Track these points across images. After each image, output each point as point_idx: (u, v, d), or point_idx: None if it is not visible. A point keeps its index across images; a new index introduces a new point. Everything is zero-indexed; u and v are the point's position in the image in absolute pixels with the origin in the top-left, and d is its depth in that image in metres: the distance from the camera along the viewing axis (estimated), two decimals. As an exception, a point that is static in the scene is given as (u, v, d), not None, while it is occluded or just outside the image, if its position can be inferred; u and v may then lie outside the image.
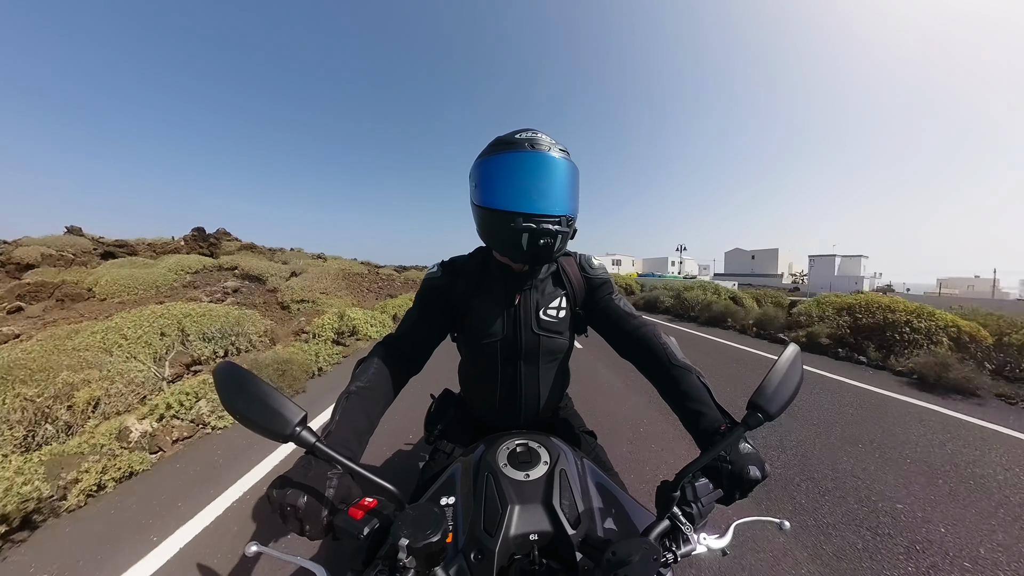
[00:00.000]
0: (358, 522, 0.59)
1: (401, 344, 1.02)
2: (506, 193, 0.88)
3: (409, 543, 0.52)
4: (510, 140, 0.90)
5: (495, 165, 0.89)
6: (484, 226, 0.95)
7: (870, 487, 2.36)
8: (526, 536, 0.65)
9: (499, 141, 0.91)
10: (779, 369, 0.68)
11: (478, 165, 0.93)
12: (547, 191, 0.87)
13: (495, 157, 0.89)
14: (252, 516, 2.11)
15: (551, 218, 0.86)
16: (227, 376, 0.60)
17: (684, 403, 0.85)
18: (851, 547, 1.84)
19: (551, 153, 0.87)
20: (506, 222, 0.87)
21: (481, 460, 0.82)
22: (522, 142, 0.88)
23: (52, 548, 1.87)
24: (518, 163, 0.87)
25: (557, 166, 0.88)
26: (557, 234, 0.87)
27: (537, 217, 0.85)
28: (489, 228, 0.94)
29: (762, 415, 0.64)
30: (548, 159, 0.87)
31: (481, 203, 0.92)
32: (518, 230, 0.85)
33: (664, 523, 0.63)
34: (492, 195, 0.89)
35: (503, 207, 0.87)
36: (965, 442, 3.01)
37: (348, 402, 0.82)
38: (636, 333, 1.01)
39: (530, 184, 0.86)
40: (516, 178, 0.87)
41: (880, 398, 4.13)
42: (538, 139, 0.88)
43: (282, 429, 0.57)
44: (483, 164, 0.91)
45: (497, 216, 0.88)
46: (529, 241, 0.86)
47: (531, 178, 0.87)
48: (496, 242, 0.96)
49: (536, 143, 0.88)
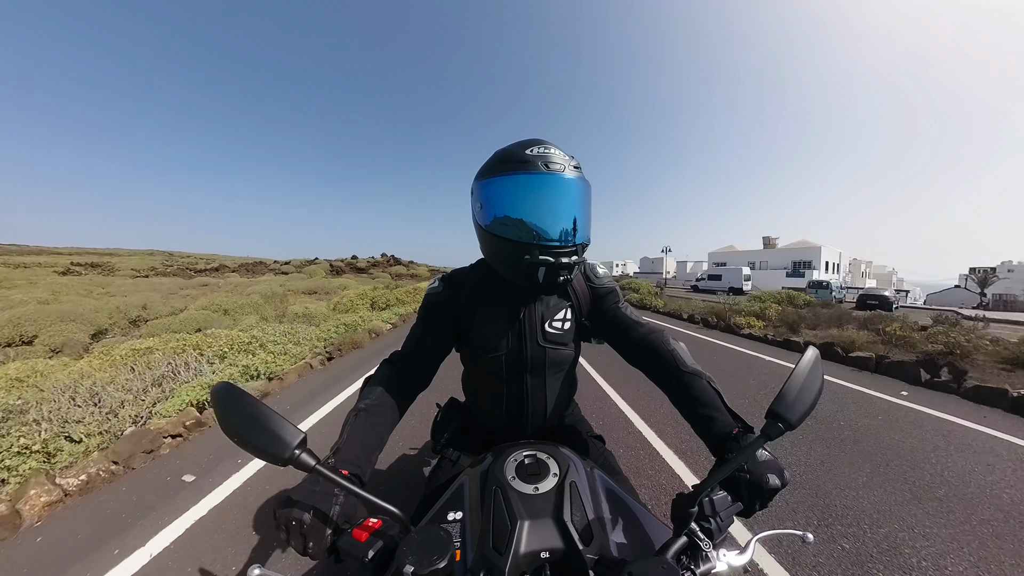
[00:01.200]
0: (362, 544, 0.58)
1: (407, 361, 1.00)
2: (520, 222, 0.81)
3: (414, 570, 0.49)
4: (521, 158, 0.81)
5: (505, 187, 0.82)
6: (493, 253, 0.91)
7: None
8: (537, 554, 0.62)
9: (508, 158, 0.83)
10: (799, 375, 0.64)
11: (484, 184, 0.86)
12: (565, 219, 0.81)
13: (505, 178, 0.82)
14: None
15: (569, 249, 0.82)
16: (225, 397, 0.58)
17: (695, 409, 0.83)
18: None
19: (566, 174, 0.80)
20: (520, 254, 0.81)
21: (489, 473, 0.80)
22: (535, 161, 0.79)
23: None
24: (532, 187, 0.80)
25: (575, 189, 0.82)
26: (575, 266, 0.83)
27: (555, 250, 0.81)
28: (499, 256, 0.89)
29: (783, 424, 0.61)
30: (566, 182, 0.80)
31: (490, 229, 0.85)
32: (534, 264, 0.81)
33: (681, 540, 0.60)
34: (503, 221, 0.83)
35: (517, 238, 0.82)
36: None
37: (357, 420, 0.82)
38: (644, 341, 0.98)
39: (546, 212, 0.81)
40: (530, 205, 0.81)
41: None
42: (551, 156, 0.80)
43: (281, 452, 0.55)
44: (490, 184, 0.84)
45: (509, 246, 0.83)
46: (547, 275, 0.82)
47: (548, 205, 0.81)
48: (508, 271, 0.90)
49: (550, 161, 0.79)
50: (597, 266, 1.09)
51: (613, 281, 1.09)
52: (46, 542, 2.00)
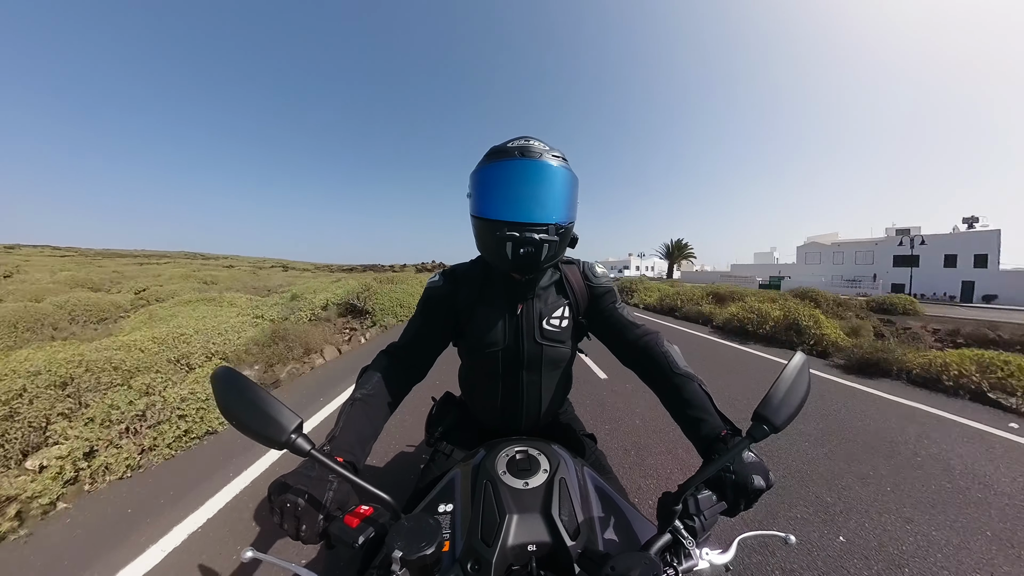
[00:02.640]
0: (353, 530, 0.59)
1: (404, 353, 1.02)
2: (495, 203, 0.87)
3: (403, 555, 0.51)
4: (502, 149, 0.89)
5: (487, 174, 0.89)
6: (478, 236, 0.95)
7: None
8: (524, 547, 0.63)
9: (493, 150, 0.91)
10: (786, 379, 0.66)
11: (473, 175, 0.93)
12: (534, 199, 0.86)
13: (487, 167, 0.89)
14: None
15: (538, 226, 0.85)
16: (225, 381, 0.59)
17: (685, 411, 0.85)
18: None
19: (542, 160, 0.86)
20: (493, 231, 0.86)
21: (480, 467, 0.81)
22: (512, 150, 0.87)
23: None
24: (506, 171, 0.86)
25: (547, 173, 0.86)
26: (543, 243, 0.85)
27: (523, 226, 0.84)
28: (482, 238, 0.94)
29: (768, 427, 0.63)
30: (537, 166, 0.86)
31: (475, 213, 0.92)
32: (503, 239, 0.85)
33: (665, 537, 0.62)
34: (483, 205, 0.90)
35: (491, 216, 0.87)
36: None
37: (352, 409, 0.83)
38: (639, 343, 1.00)
39: (516, 193, 0.86)
40: (503, 187, 0.86)
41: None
42: (529, 146, 0.87)
43: (278, 436, 0.57)
44: (477, 174, 0.91)
45: (486, 225, 0.88)
46: (513, 250, 0.85)
47: (518, 186, 0.86)
48: (486, 252, 0.96)
49: (527, 151, 0.86)
50: (596, 265, 1.12)
51: (611, 281, 1.11)
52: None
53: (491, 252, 0.93)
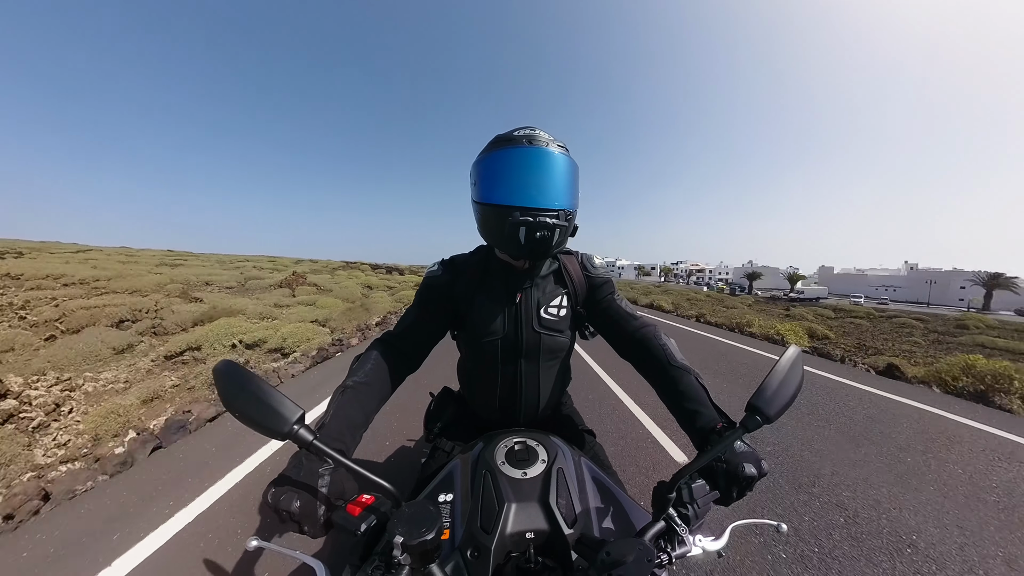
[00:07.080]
0: (355, 519, 0.60)
1: (399, 342, 1.02)
2: (504, 188, 0.88)
3: (404, 540, 0.52)
4: (508, 137, 0.91)
5: (493, 162, 0.90)
6: (484, 222, 0.96)
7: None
8: (522, 534, 0.65)
9: (498, 139, 0.92)
10: (779, 371, 0.67)
11: (477, 163, 0.94)
12: (544, 185, 0.87)
13: (494, 154, 0.90)
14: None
15: (549, 212, 0.87)
16: (227, 375, 0.60)
17: (681, 403, 0.86)
18: None
19: (549, 148, 0.88)
20: (504, 216, 0.87)
21: (479, 457, 0.83)
22: (520, 138, 0.89)
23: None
24: (516, 158, 0.88)
25: (555, 161, 0.88)
26: (555, 227, 0.87)
27: (534, 211, 0.86)
28: (488, 224, 0.94)
29: (761, 418, 0.64)
30: (545, 154, 0.88)
31: (480, 199, 0.93)
32: (516, 224, 0.86)
33: (659, 524, 0.63)
34: (491, 191, 0.90)
35: (501, 202, 0.88)
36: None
37: (344, 396, 0.83)
38: (636, 334, 1.01)
39: (527, 179, 0.87)
40: (514, 173, 0.88)
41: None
42: (536, 135, 0.89)
43: (280, 427, 0.58)
44: (482, 162, 0.92)
45: (496, 211, 0.89)
46: (527, 235, 0.86)
47: (528, 173, 0.87)
48: (495, 238, 0.96)
49: (534, 139, 0.89)
50: (594, 257, 1.13)
51: (609, 273, 1.12)
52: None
53: (500, 238, 0.93)
